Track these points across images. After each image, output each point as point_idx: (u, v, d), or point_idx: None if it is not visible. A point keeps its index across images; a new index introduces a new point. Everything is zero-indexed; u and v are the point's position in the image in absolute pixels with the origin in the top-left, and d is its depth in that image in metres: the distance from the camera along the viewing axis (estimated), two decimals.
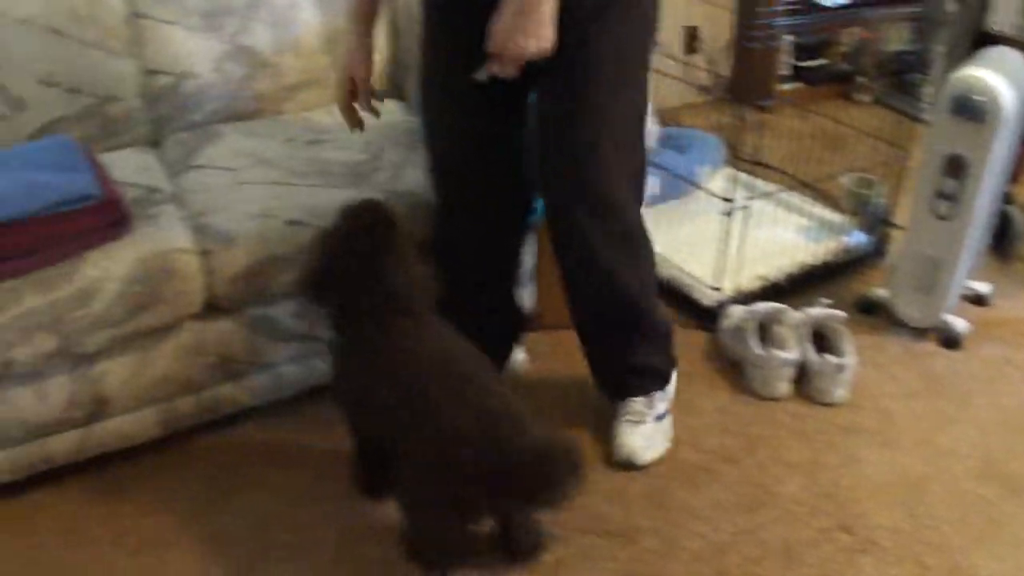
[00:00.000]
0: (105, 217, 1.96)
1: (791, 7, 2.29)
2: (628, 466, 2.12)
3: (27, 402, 1.98)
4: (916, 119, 2.88)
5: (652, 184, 2.46)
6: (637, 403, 2.14)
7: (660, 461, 2.15)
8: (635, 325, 2.09)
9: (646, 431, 2.13)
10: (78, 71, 2.35)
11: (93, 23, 2.34)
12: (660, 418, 2.17)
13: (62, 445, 2.06)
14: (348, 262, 1.78)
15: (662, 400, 2.17)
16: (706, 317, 2.56)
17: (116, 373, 2.03)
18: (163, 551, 1.96)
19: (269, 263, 2.05)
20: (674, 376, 2.22)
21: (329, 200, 2.11)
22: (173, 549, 1.97)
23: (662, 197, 2.79)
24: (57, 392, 2.00)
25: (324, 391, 2.24)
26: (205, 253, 2.02)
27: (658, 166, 2.73)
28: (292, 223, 2.08)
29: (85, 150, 2.10)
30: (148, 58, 2.42)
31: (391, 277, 1.77)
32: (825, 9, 2.29)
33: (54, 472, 2.11)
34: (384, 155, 2.33)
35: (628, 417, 2.14)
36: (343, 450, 2.08)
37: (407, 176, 2.25)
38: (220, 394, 2.16)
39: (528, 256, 2.35)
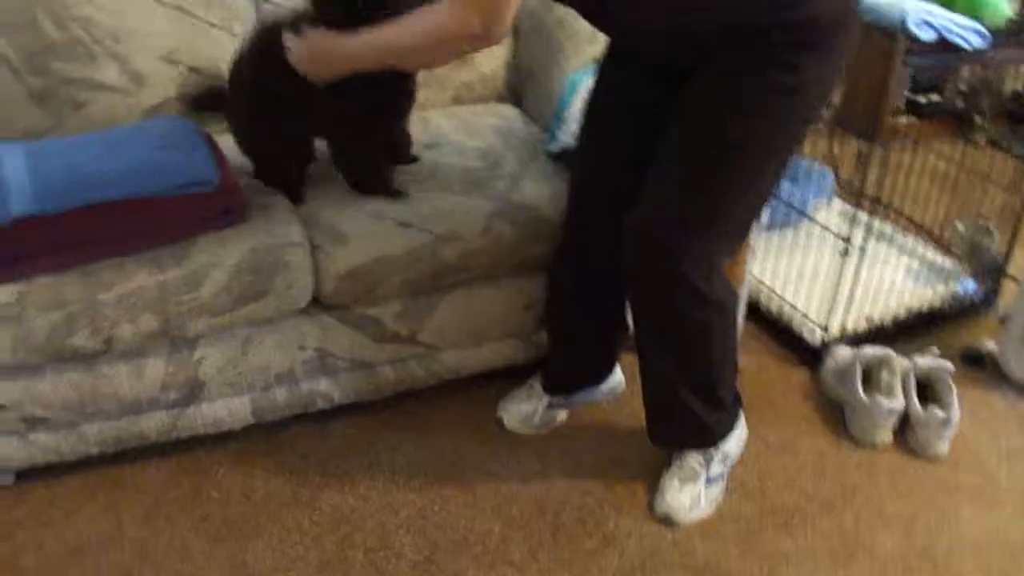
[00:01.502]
0: (222, 203, 1.94)
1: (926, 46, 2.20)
2: (665, 522, 2.04)
3: (124, 378, 1.98)
4: None
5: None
6: (692, 459, 2.05)
7: (753, 499, 2.08)
8: (698, 384, 1.97)
9: (694, 491, 2.04)
10: (200, 51, 2.34)
11: (219, 4, 2.32)
12: (712, 481, 2.07)
13: (153, 424, 2.05)
14: None
15: (720, 463, 2.07)
16: (810, 355, 2.49)
17: (214, 359, 2.02)
18: (243, 541, 1.95)
19: (378, 263, 2.02)
20: (735, 442, 2.10)
21: (443, 206, 2.09)
22: (253, 540, 1.96)
23: (771, 226, 2.72)
24: (154, 372, 1.99)
25: (418, 395, 2.22)
26: (316, 248, 2.00)
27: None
28: (403, 225, 2.05)
29: (205, 134, 2.07)
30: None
31: None
32: (960, 50, 2.20)
33: (141, 450, 2.11)
34: (502, 164, 2.29)
35: (679, 472, 2.06)
36: (432, 457, 2.08)
37: (525, 188, 2.21)
38: (315, 389, 2.15)
39: None
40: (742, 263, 2.32)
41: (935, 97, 3.68)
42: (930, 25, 2.15)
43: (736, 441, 2.09)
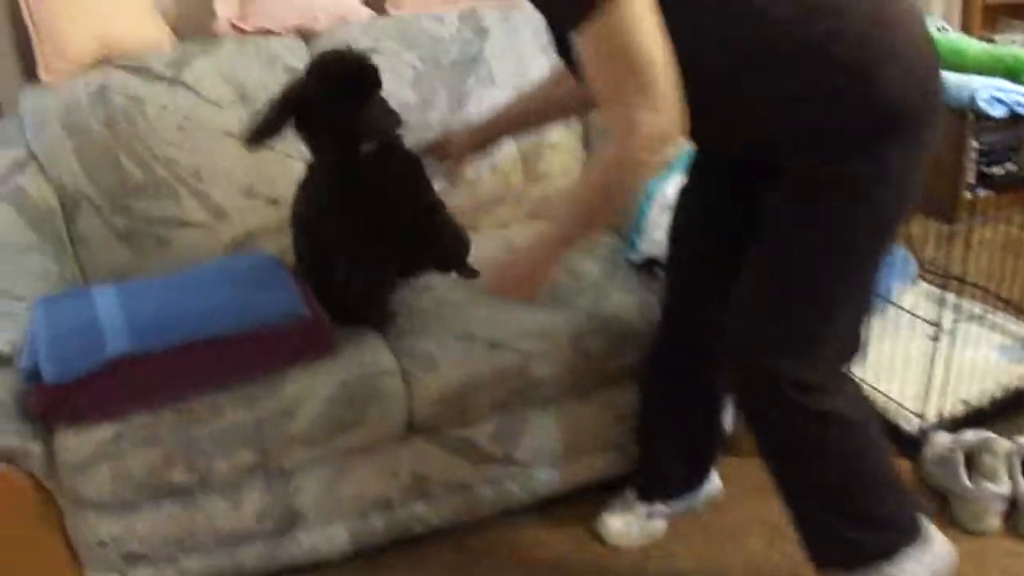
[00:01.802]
0: (312, 337, 1.96)
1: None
2: None
3: (220, 511, 1.99)
4: None
5: None
6: None
7: None
8: (829, 498, 1.85)
9: None
10: (278, 184, 2.38)
11: (293, 135, 2.36)
12: None
13: (252, 556, 2.05)
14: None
15: None
16: (908, 444, 2.43)
17: (310, 488, 2.02)
18: None
19: (471, 386, 2.02)
20: (913, 564, 1.87)
21: (531, 322, 2.09)
22: None
23: None
24: (251, 503, 2.00)
25: (515, 514, 2.20)
26: (408, 375, 2.00)
27: None
28: (494, 346, 2.05)
29: (289, 269, 2.10)
30: None
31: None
32: None
33: None
34: (585, 276, 2.29)
35: None
36: None
37: (611, 299, 2.20)
38: (412, 513, 2.13)
39: None
40: None
41: (1010, 167, 3.63)
42: (1000, 101, 2.13)
43: (917, 564, 1.86)
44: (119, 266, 2.36)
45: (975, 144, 3.56)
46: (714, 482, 2.27)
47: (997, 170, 3.59)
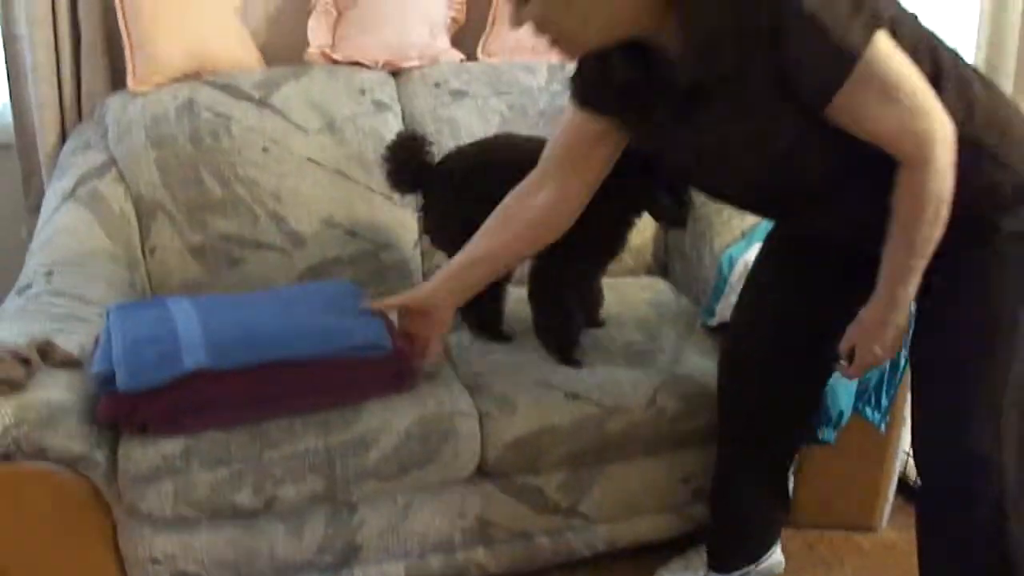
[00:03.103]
0: (394, 368, 1.94)
1: None
2: None
3: (281, 539, 1.95)
4: None
5: None
6: None
7: None
8: None
9: None
10: (358, 215, 2.39)
11: (379, 169, 2.37)
12: None
13: None
14: None
15: None
16: None
17: (374, 523, 2.00)
18: None
19: (545, 434, 2.00)
20: None
21: (608, 378, 2.09)
22: None
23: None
24: (312, 534, 1.97)
25: (572, 567, 2.17)
26: (484, 416, 1.98)
27: None
28: (571, 396, 2.04)
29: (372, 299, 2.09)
30: None
31: None
32: None
33: None
34: (661, 337, 2.29)
35: None
36: None
37: (688, 361, 2.21)
38: (471, 557, 2.11)
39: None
40: (895, 434, 2.29)
41: None
42: None
43: None
44: (189, 281, 2.35)
45: None
46: (776, 556, 2.24)
47: None
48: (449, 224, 2.16)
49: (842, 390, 2.11)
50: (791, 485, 2.29)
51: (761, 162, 1.59)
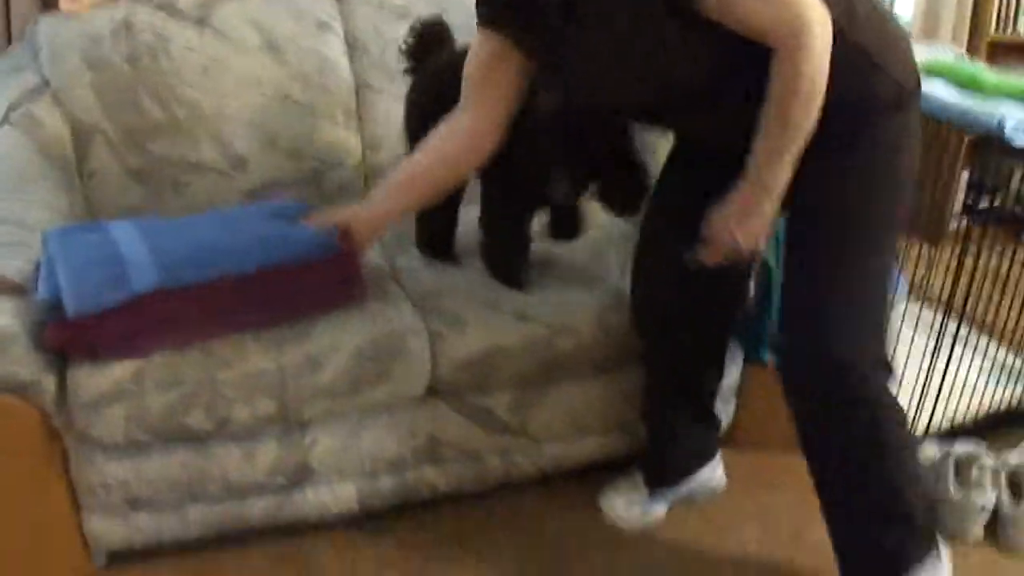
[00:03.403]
0: (341, 274, 1.94)
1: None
2: None
3: (234, 461, 1.96)
4: None
5: None
6: None
7: None
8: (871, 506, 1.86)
9: None
10: (301, 137, 2.37)
11: (323, 91, 2.35)
12: None
13: (258, 508, 2.03)
14: None
15: None
16: None
17: (325, 444, 2.00)
18: None
19: (495, 353, 2.03)
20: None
21: (556, 299, 2.12)
22: None
23: None
24: (264, 455, 1.97)
25: (521, 488, 2.20)
26: (436, 336, 1.99)
27: None
28: (520, 317, 2.06)
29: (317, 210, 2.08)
30: (369, 131, 2.43)
31: None
32: None
33: (239, 535, 2.08)
34: (607, 255, 2.32)
35: None
36: (536, 552, 2.11)
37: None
38: (421, 477, 2.13)
39: (734, 370, 2.32)
40: None
41: (994, 202, 3.77)
42: None
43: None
44: (130, 205, 2.32)
45: (965, 174, 3.69)
46: (717, 473, 2.31)
47: (983, 203, 3.73)
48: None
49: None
50: (732, 408, 2.35)
51: (647, 67, 1.63)
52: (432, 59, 2.18)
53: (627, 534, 2.23)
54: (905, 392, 2.50)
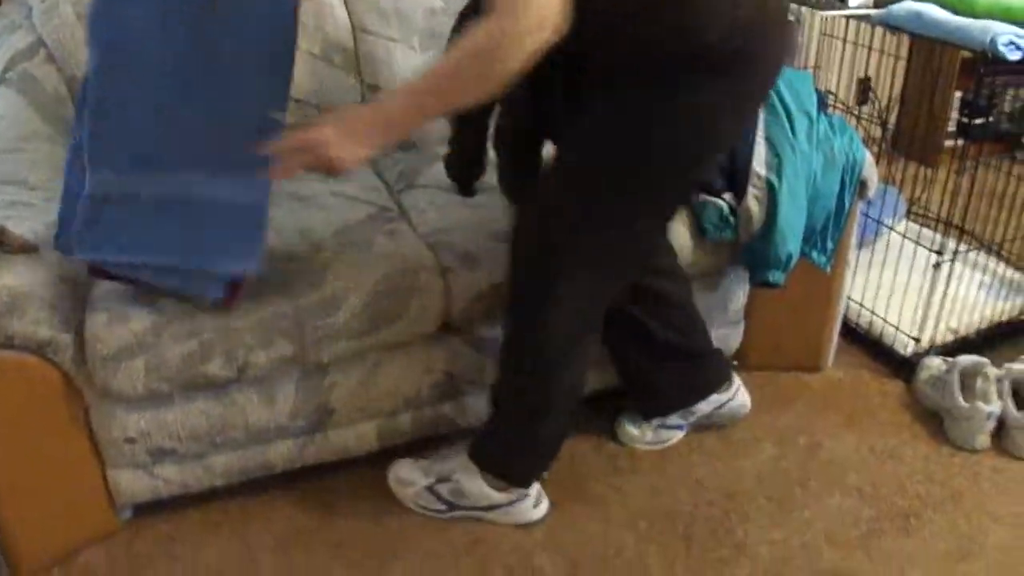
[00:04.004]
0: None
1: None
2: None
3: (254, 406, 1.97)
4: None
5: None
6: None
7: (871, 504, 2.15)
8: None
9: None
10: (299, 80, 2.35)
11: (319, 34, 2.34)
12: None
13: (281, 453, 2.05)
14: None
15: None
16: (903, 366, 2.54)
17: (344, 385, 2.02)
18: (383, 565, 1.96)
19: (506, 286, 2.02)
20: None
21: None
22: (392, 563, 1.96)
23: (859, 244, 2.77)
24: (285, 399, 1.99)
25: None
26: (447, 272, 2.01)
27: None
28: None
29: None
30: (368, 73, 2.42)
31: None
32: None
33: (263, 481, 2.11)
34: None
35: None
36: (557, 475, 2.15)
37: None
38: (439, 412, 2.15)
39: (740, 294, 2.34)
40: (839, 277, 2.38)
41: (987, 120, 3.79)
42: (1018, 47, 2.21)
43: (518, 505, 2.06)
44: None
45: (958, 95, 3.71)
46: (737, 400, 2.32)
47: (976, 121, 3.76)
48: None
49: (790, 233, 2.18)
50: (740, 330, 2.41)
51: None
52: None
53: (643, 456, 2.27)
54: (909, 309, 2.54)
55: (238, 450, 2.02)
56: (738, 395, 2.30)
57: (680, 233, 2.19)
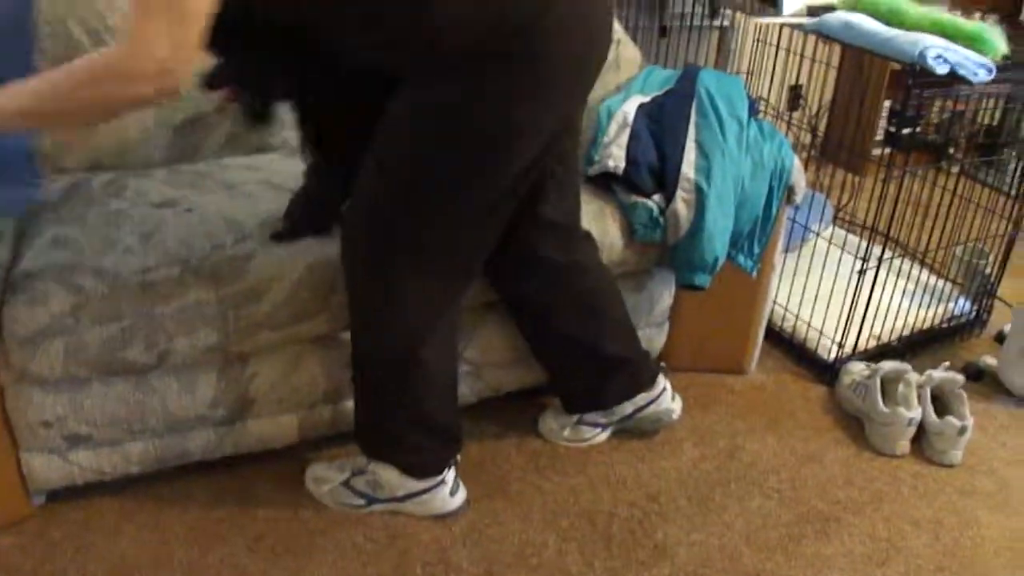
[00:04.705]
0: None
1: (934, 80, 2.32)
2: None
3: (174, 394, 1.95)
4: (1002, 192, 2.92)
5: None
6: None
7: (790, 506, 2.16)
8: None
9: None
10: None
11: None
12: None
13: (199, 442, 2.03)
14: None
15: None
16: (825, 371, 2.58)
17: (265, 376, 2.01)
18: (300, 560, 1.94)
19: None
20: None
21: None
22: (309, 558, 1.95)
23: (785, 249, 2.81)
24: (205, 388, 1.97)
25: (463, 410, 2.22)
26: None
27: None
28: None
29: None
30: None
31: None
32: (966, 83, 2.32)
33: (180, 470, 2.09)
34: None
35: None
36: (478, 472, 2.15)
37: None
38: None
39: (666, 295, 2.36)
40: (765, 281, 2.40)
41: (914, 130, 3.84)
42: (945, 60, 2.25)
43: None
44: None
45: (887, 104, 3.77)
46: (663, 403, 2.30)
47: (904, 131, 3.81)
48: None
49: (717, 236, 2.20)
50: (664, 332, 2.40)
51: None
52: None
53: (565, 456, 2.27)
54: (833, 314, 2.58)
55: (156, 438, 1.99)
56: (663, 400, 2.29)
57: (611, 232, 2.19)
